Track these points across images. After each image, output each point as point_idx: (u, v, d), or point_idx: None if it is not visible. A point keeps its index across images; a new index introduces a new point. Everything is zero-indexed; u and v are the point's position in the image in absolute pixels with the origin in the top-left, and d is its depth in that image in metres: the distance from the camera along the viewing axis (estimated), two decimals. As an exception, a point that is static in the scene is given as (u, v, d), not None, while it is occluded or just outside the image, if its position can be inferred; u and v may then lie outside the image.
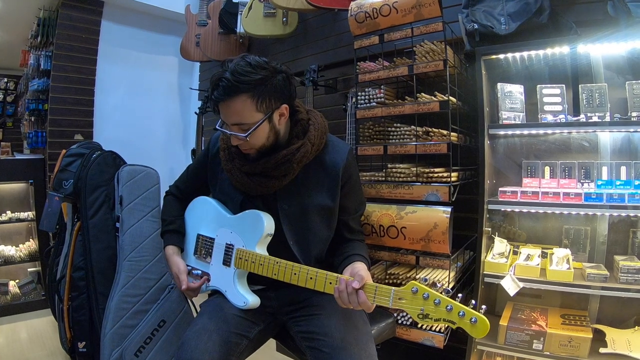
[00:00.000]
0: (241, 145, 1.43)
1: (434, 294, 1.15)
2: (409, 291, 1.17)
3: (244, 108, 1.35)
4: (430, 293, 1.15)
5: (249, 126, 1.37)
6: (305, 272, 1.33)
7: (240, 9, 3.20)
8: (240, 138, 1.39)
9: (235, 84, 1.31)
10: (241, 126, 1.38)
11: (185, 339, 1.34)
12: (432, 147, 1.91)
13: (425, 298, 1.15)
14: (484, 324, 1.07)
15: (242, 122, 1.36)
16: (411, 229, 1.90)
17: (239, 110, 1.35)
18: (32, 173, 3.68)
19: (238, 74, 1.32)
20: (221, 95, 1.33)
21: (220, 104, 1.36)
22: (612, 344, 1.72)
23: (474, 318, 1.07)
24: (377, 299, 1.22)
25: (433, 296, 1.14)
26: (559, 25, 1.91)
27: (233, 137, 1.41)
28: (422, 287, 1.16)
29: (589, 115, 1.81)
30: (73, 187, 2.41)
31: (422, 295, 1.15)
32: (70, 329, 2.30)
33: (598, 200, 1.70)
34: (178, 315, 2.16)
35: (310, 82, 2.73)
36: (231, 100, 1.34)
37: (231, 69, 1.33)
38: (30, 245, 3.81)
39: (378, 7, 2.01)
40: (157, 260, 2.18)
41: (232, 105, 1.34)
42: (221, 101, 1.35)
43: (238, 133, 1.39)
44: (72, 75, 3.68)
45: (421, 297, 1.15)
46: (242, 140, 1.40)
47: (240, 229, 1.52)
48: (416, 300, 1.16)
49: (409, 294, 1.17)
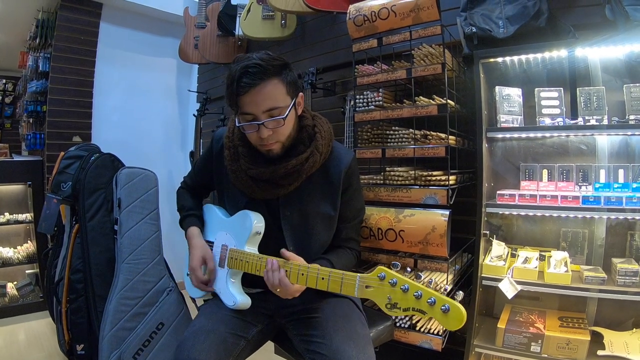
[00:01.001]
0: (269, 137, 1.39)
1: (402, 279, 1.05)
2: (375, 277, 1.09)
3: (277, 91, 1.35)
4: (398, 279, 1.05)
5: (281, 110, 1.36)
6: (288, 266, 1.32)
7: (239, 12, 3.20)
8: (276, 122, 1.36)
9: (266, 67, 1.31)
10: (273, 111, 1.35)
11: (183, 340, 1.34)
12: (431, 151, 1.91)
13: (392, 284, 1.05)
14: (458, 313, 0.96)
15: (277, 105, 1.35)
16: (409, 232, 1.90)
17: (273, 94, 1.34)
18: (30, 175, 3.67)
19: (266, 60, 1.32)
20: (253, 79, 1.31)
21: (251, 90, 1.32)
22: (610, 347, 1.72)
23: (445, 305, 0.96)
24: (331, 285, 1.19)
25: (401, 282, 1.04)
26: (557, 29, 1.91)
27: (263, 129, 1.36)
28: (390, 273, 1.07)
29: (586, 118, 1.81)
30: (71, 190, 2.41)
31: (389, 282, 1.06)
32: (68, 331, 2.30)
33: (596, 203, 1.70)
34: (176, 318, 2.17)
35: (308, 84, 2.74)
36: (264, 84, 1.32)
37: (256, 57, 1.33)
38: (29, 247, 3.81)
39: (377, 10, 2.01)
40: (156, 262, 2.18)
41: (265, 89, 1.33)
42: (252, 87, 1.31)
43: (271, 119, 1.35)
44: (70, 77, 3.67)
45: (388, 283, 1.06)
46: (276, 127, 1.37)
47: (233, 230, 1.53)
48: (383, 287, 1.07)
49: (376, 280, 1.09)
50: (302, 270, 1.28)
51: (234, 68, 1.34)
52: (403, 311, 1.03)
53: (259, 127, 1.36)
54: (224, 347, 1.33)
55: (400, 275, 1.06)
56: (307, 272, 1.26)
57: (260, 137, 1.38)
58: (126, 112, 4.10)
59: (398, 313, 1.06)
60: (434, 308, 0.98)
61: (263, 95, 1.33)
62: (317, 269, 1.26)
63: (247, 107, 1.35)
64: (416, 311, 1.01)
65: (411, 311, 1.02)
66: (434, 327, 1.89)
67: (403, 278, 1.05)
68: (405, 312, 1.05)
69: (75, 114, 3.70)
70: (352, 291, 1.15)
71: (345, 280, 1.18)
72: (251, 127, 1.38)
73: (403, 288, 1.03)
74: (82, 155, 2.52)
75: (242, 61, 1.34)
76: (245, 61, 1.33)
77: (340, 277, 1.20)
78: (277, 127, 1.37)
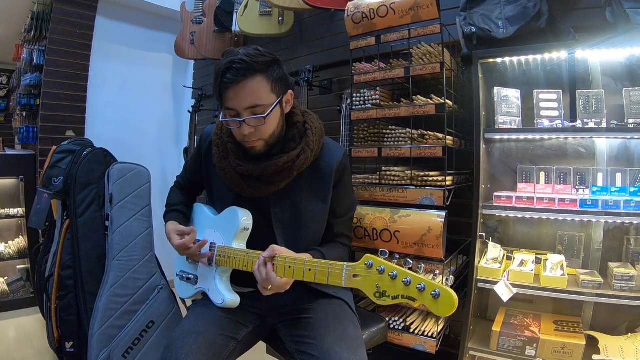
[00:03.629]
0: (251, 135, 1.37)
1: (390, 266, 1.02)
2: (362, 265, 1.06)
3: (260, 89, 1.33)
4: (386, 266, 1.02)
5: (264, 108, 1.34)
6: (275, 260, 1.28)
7: (236, 8, 3.18)
8: (258, 120, 1.34)
9: (251, 64, 1.29)
10: (256, 109, 1.33)
11: (171, 341, 1.32)
12: (427, 151, 1.90)
13: (380, 272, 1.02)
14: (449, 298, 0.93)
15: (258, 103, 1.33)
16: (405, 232, 1.88)
17: (255, 91, 1.32)
18: (22, 169, 3.63)
19: (252, 56, 1.30)
20: (235, 76, 1.29)
21: (233, 87, 1.31)
22: (605, 351, 1.71)
23: (435, 291, 0.93)
24: (318, 276, 1.16)
25: (389, 268, 1.01)
26: (557, 30, 1.90)
27: (245, 125, 1.35)
28: (378, 260, 1.04)
29: (585, 121, 1.80)
30: (63, 185, 2.37)
31: (377, 269, 1.03)
32: (57, 328, 2.27)
33: (593, 206, 1.69)
34: (167, 316, 2.14)
35: (305, 82, 2.71)
36: (247, 81, 1.30)
37: (242, 52, 1.31)
38: (20, 242, 3.77)
39: (375, 7, 1.99)
40: (147, 260, 2.15)
41: (247, 86, 1.31)
42: (235, 83, 1.30)
43: (252, 117, 1.34)
44: (65, 71, 3.62)
45: (376, 271, 1.03)
46: (258, 125, 1.35)
47: (221, 227, 1.51)
48: (371, 276, 1.04)
49: (364, 269, 1.06)
50: (289, 263, 1.25)
51: (221, 62, 1.33)
52: (392, 299, 1.00)
53: (241, 124, 1.35)
54: (213, 349, 1.30)
55: (389, 262, 1.03)
56: (294, 264, 1.23)
57: (242, 134, 1.37)
58: (120, 107, 4.05)
59: (387, 302, 1.02)
60: (423, 294, 0.95)
61: (245, 92, 1.32)
62: (304, 261, 1.23)
63: (230, 102, 1.34)
64: (406, 299, 0.98)
65: (400, 299, 0.99)
66: (428, 330, 1.88)
67: (391, 265, 1.02)
68: (394, 301, 1.01)
69: (69, 108, 3.66)
70: (340, 281, 1.12)
71: (333, 270, 1.15)
72: (234, 123, 1.37)
73: (391, 275, 1.00)
74: (75, 149, 2.48)
75: (230, 55, 1.32)
76: (232, 56, 1.31)
77: (327, 267, 1.17)
78: (258, 125, 1.36)
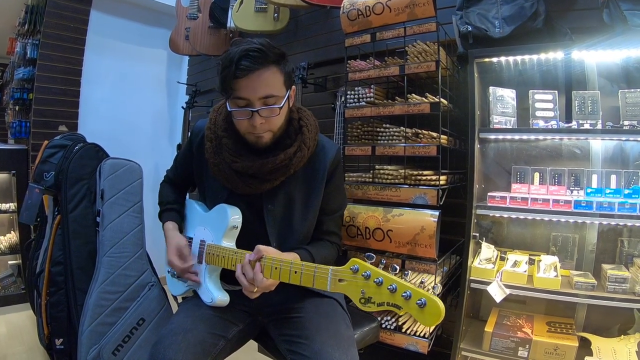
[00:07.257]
0: (262, 126, 1.34)
1: (376, 272, 0.99)
2: (348, 270, 1.04)
3: (275, 80, 1.32)
4: (372, 271, 0.99)
5: (276, 100, 1.33)
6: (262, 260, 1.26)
7: (232, 4, 3.16)
8: (271, 111, 1.32)
9: (267, 54, 1.28)
10: (269, 99, 1.31)
11: (160, 338, 1.29)
12: (422, 149, 1.89)
13: (366, 277, 1.00)
14: (435, 308, 0.89)
15: (273, 94, 1.31)
16: (398, 232, 1.87)
17: (270, 82, 1.31)
18: (14, 164, 3.59)
19: (267, 46, 1.29)
20: (253, 63, 1.26)
21: (249, 75, 1.27)
22: (598, 353, 1.71)
23: (421, 299, 0.90)
24: (304, 279, 1.14)
25: (375, 274, 0.99)
26: (553, 31, 1.90)
27: (257, 116, 1.31)
28: (364, 265, 1.02)
29: (580, 122, 1.80)
30: (54, 180, 2.34)
31: (363, 274, 1.00)
32: (48, 324, 2.25)
33: (588, 208, 1.68)
34: (158, 313, 2.12)
35: (299, 79, 2.70)
36: (263, 70, 1.28)
37: (258, 42, 1.30)
38: (11, 238, 3.74)
39: (371, 5, 1.98)
40: (138, 257, 2.13)
41: (263, 75, 1.29)
42: (251, 71, 1.27)
43: (267, 107, 1.32)
44: (58, 65, 3.59)
45: (361, 276, 1.01)
46: (270, 116, 1.33)
47: (211, 224, 1.49)
48: (356, 281, 1.01)
49: (349, 274, 1.03)
50: (275, 264, 1.23)
51: (234, 50, 1.29)
52: (377, 306, 0.97)
53: (252, 114, 1.32)
54: (201, 347, 1.28)
55: (375, 268, 1.01)
56: (280, 266, 1.21)
57: (252, 125, 1.34)
58: (114, 103, 4.03)
59: (372, 308, 0.99)
60: (409, 302, 0.92)
61: (261, 81, 1.29)
62: (290, 263, 1.21)
63: (243, 91, 1.30)
64: (391, 306, 0.95)
65: (386, 306, 0.96)
66: (420, 329, 1.87)
67: (377, 270, 1.00)
68: (379, 308, 0.99)
69: (62, 102, 3.63)
70: (325, 285, 1.09)
71: (318, 274, 1.13)
72: (243, 113, 1.33)
73: (377, 281, 0.97)
74: (67, 144, 2.45)
75: (243, 44, 1.30)
76: (247, 44, 1.29)
77: (312, 271, 1.15)
78: (270, 116, 1.34)
